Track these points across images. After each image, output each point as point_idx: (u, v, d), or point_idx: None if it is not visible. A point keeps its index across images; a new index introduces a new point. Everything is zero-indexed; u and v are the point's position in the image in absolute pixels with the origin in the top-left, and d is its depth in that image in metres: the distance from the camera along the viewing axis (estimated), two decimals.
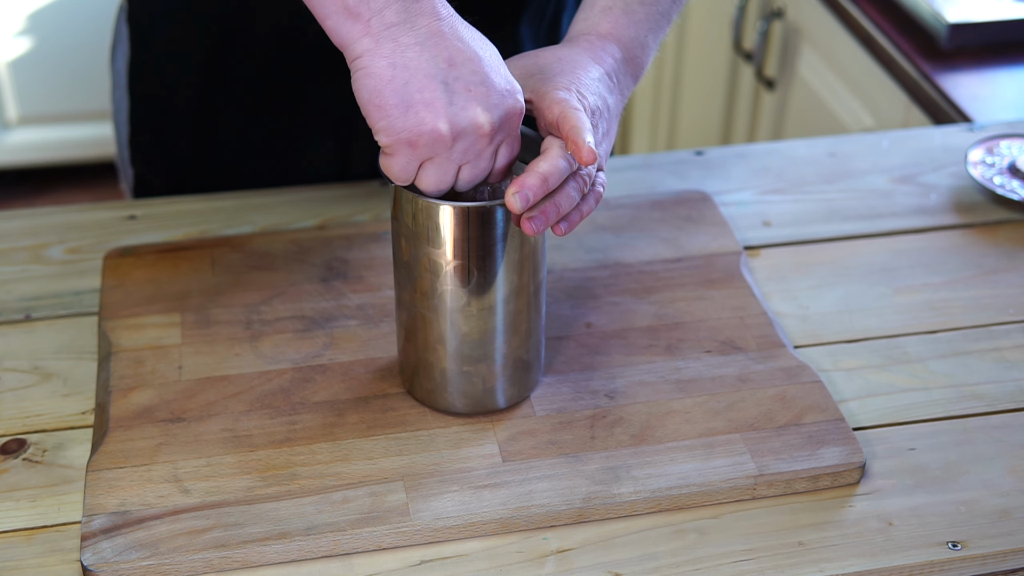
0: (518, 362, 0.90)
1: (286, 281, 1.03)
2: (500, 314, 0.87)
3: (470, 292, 0.85)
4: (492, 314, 0.86)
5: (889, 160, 1.23)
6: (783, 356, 0.96)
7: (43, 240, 1.10)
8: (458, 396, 0.90)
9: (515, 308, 0.87)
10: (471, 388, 0.89)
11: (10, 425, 0.92)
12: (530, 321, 0.89)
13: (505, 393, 0.90)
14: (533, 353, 0.91)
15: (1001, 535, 0.84)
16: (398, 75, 0.76)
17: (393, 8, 0.76)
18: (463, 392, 0.89)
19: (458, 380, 0.89)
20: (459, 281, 0.85)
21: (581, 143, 0.80)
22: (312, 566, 0.82)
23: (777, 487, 0.87)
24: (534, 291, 0.88)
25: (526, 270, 0.86)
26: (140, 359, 0.95)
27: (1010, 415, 0.94)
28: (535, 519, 0.84)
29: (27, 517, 0.85)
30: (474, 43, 0.78)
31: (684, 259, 1.06)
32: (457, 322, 0.87)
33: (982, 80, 1.52)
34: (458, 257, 0.84)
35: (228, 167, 1.19)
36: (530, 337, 0.90)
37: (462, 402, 0.90)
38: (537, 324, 0.90)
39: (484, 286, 0.85)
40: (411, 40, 0.76)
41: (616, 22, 0.92)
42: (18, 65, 2.62)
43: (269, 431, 0.89)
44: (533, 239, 0.86)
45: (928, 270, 1.08)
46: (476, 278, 0.85)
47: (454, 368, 0.89)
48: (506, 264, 0.85)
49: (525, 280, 0.87)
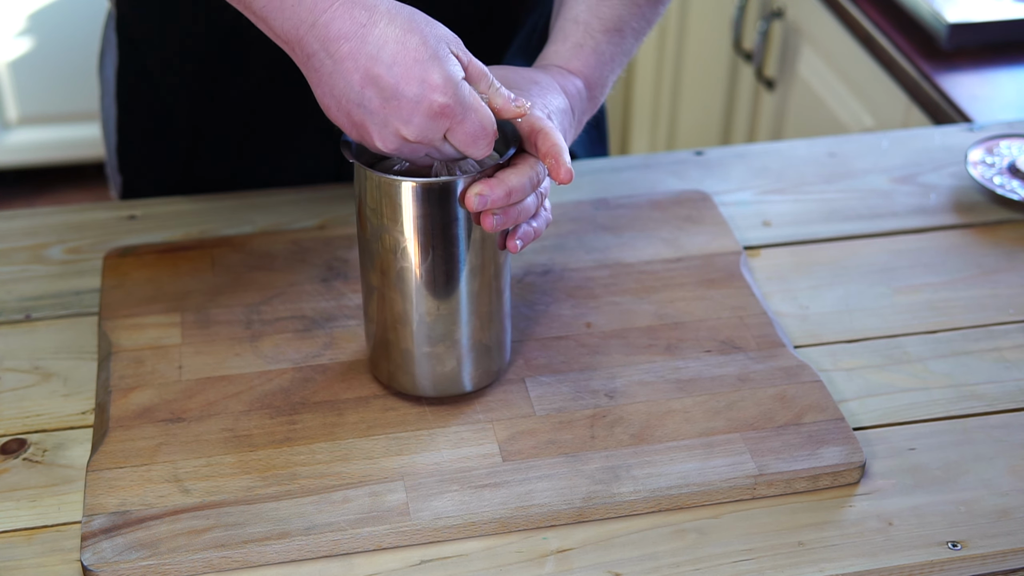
0: (479, 345, 0.90)
1: (286, 281, 1.03)
2: (460, 294, 0.87)
3: (428, 271, 0.85)
4: (451, 293, 0.87)
5: (889, 160, 1.23)
6: (783, 356, 0.96)
7: (43, 240, 1.10)
8: (422, 377, 0.90)
9: (475, 289, 0.87)
10: (434, 370, 0.90)
11: (10, 425, 0.92)
12: (491, 303, 0.89)
13: (471, 376, 0.91)
14: (495, 337, 0.91)
15: (1001, 535, 0.84)
16: (334, 103, 0.82)
17: (307, 39, 0.80)
18: (426, 374, 0.90)
19: (421, 361, 0.89)
20: (418, 259, 0.85)
21: (562, 162, 0.84)
22: (312, 566, 0.82)
23: (777, 487, 0.87)
24: (495, 272, 0.88)
25: (487, 250, 0.87)
26: (140, 359, 0.95)
27: (1010, 415, 0.94)
28: (535, 519, 0.84)
29: (27, 517, 0.85)
30: (383, 49, 0.79)
31: (684, 259, 1.06)
32: (417, 301, 0.87)
33: (982, 80, 1.52)
34: (416, 234, 0.84)
35: (216, 175, 1.19)
36: (491, 320, 0.90)
37: (426, 383, 0.90)
38: (499, 307, 0.90)
39: (442, 265, 0.85)
40: (329, 68, 0.80)
41: (586, 61, 0.95)
42: (18, 65, 2.62)
43: (269, 431, 0.89)
44: None
45: (928, 270, 1.08)
46: (434, 256, 0.85)
47: (415, 349, 0.89)
48: (465, 243, 0.85)
49: (486, 260, 0.87)
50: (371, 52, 0.79)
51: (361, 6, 0.80)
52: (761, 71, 2.01)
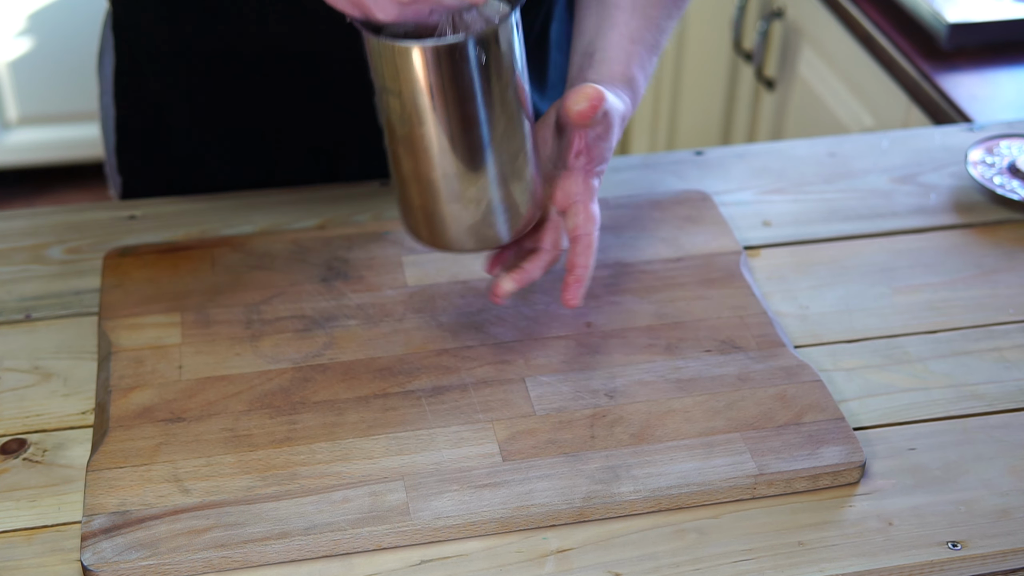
0: (508, 197, 0.89)
1: (286, 281, 1.03)
2: (484, 148, 0.86)
3: (449, 130, 0.85)
4: (474, 150, 0.86)
5: (889, 160, 1.23)
6: (783, 355, 0.96)
7: (43, 240, 1.10)
8: (460, 233, 0.90)
9: (497, 139, 0.87)
10: (469, 225, 0.89)
11: (10, 425, 0.92)
12: (515, 151, 0.88)
13: (506, 226, 0.90)
14: (522, 186, 0.90)
15: (1001, 535, 0.84)
16: None
17: None
18: (463, 229, 0.89)
19: (458, 217, 0.89)
20: (437, 119, 0.85)
21: (580, 291, 0.93)
22: (312, 566, 0.82)
23: (777, 486, 0.87)
24: (513, 124, 0.87)
25: (505, 103, 0.86)
26: (140, 359, 0.95)
27: (1010, 415, 0.94)
28: (535, 518, 0.84)
29: (27, 517, 0.85)
30: None
31: (684, 259, 1.06)
32: (442, 161, 0.86)
33: (982, 80, 1.52)
34: (432, 95, 0.83)
35: (215, 175, 1.19)
36: (517, 169, 0.89)
37: (463, 239, 0.90)
38: (523, 157, 0.89)
39: (461, 123, 0.85)
40: None
41: (635, 72, 0.97)
42: (18, 65, 2.62)
43: (269, 431, 0.89)
44: (508, 71, 0.85)
45: (928, 270, 1.08)
46: (451, 115, 0.84)
47: (446, 207, 0.88)
48: (483, 98, 0.85)
49: (504, 112, 0.86)
50: None
51: None
52: (761, 71, 2.01)
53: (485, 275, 1.03)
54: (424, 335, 0.98)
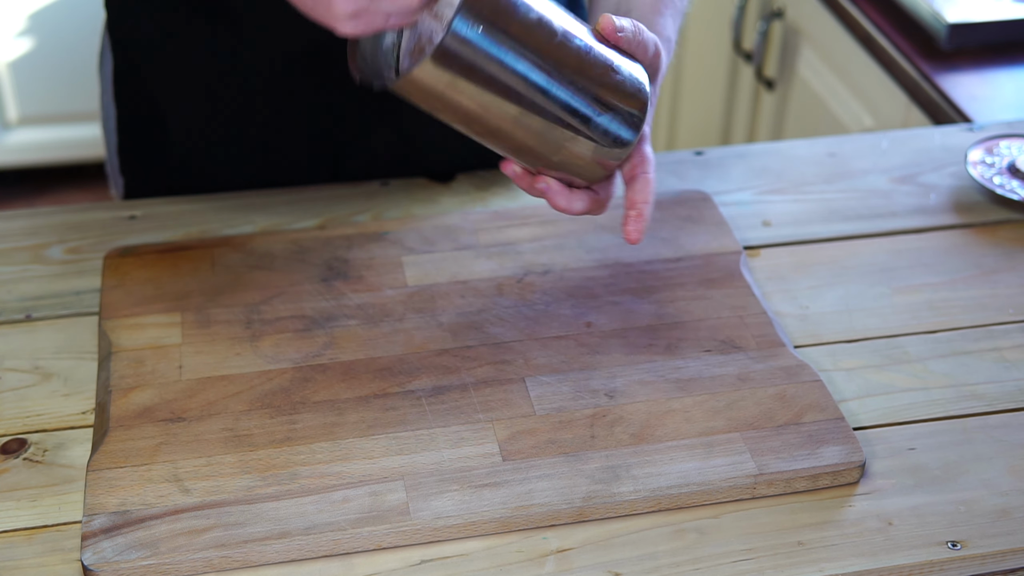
0: (608, 106, 0.87)
1: (286, 281, 1.03)
2: (554, 88, 0.84)
3: (512, 97, 0.83)
4: (547, 95, 0.84)
5: (889, 160, 1.23)
6: (783, 355, 0.96)
7: (43, 240, 1.10)
8: (597, 159, 0.89)
9: (561, 69, 0.84)
10: (593, 148, 0.88)
11: (11, 425, 0.92)
12: (584, 63, 0.85)
13: (625, 125, 0.88)
14: (618, 85, 0.87)
15: (1000, 535, 0.85)
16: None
17: None
18: (589, 164, 0.88)
19: (580, 154, 0.87)
20: (495, 98, 0.82)
21: (642, 225, 0.91)
22: (312, 566, 0.82)
23: (777, 486, 0.87)
24: (561, 40, 0.83)
25: (539, 35, 0.82)
26: (140, 359, 0.95)
27: (1010, 415, 0.94)
28: (535, 518, 0.84)
29: (28, 517, 0.85)
30: None
31: (684, 259, 1.06)
32: (529, 123, 0.85)
33: (982, 80, 1.52)
34: (471, 87, 0.81)
35: (216, 175, 1.19)
36: (604, 76, 0.86)
37: (596, 170, 0.89)
38: (595, 63, 0.85)
39: (517, 84, 0.82)
40: None
41: (667, 30, 0.97)
42: (18, 65, 2.62)
43: (269, 430, 0.89)
44: (512, 13, 0.81)
45: (928, 270, 1.08)
46: (502, 84, 0.82)
47: (564, 156, 0.87)
48: (515, 52, 0.81)
49: (549, 43, 0.83)
50: None
51: None
52: (761, 71, 2.01)
53: (485, 275, 1.03)
54: (424, 335, 0.98)
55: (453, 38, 0.79)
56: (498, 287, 1.03)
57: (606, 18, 0.86)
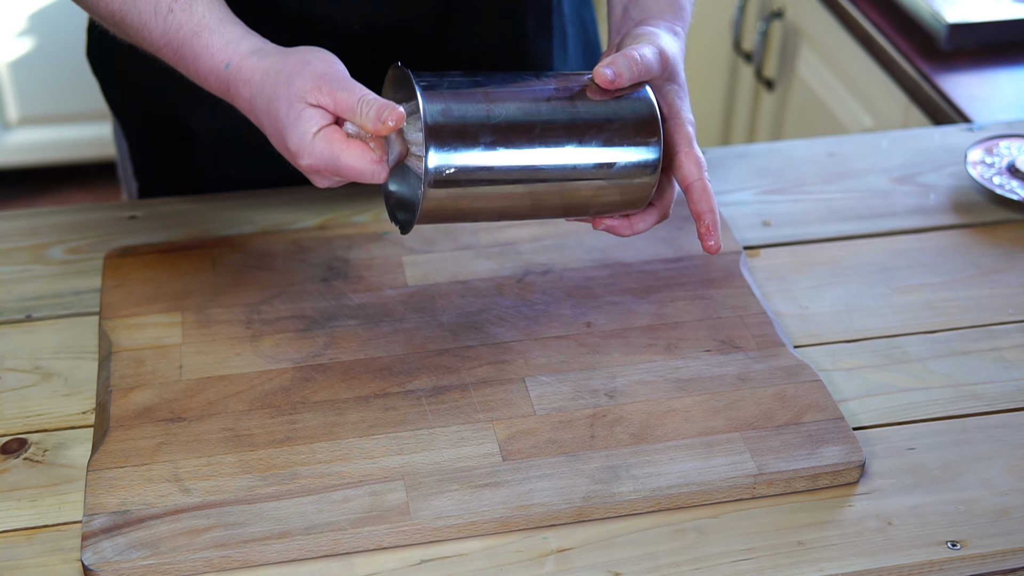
0: (608, 167, 0.88)
1: (286, 281, 1.03)
2: (550, 168, 0.86)
3: (513, 186, 0.86)
4: (544, 173, 0.86)
5: (888, 160, 1.23)
6: (783, 355, 0.96)
7: (43, 240, 1.10)
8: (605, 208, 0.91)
9: (545, 142, 0.86)
10: (618, 187, 0.89)
11: (11, 425, 0.92)
12: (570, 132, 0.87)
13: (637, 182, 0.90)
14: (611, 136, 0.88)
15: (1000, 534, 0.85)
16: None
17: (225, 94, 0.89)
18: (617, 193, 0.90)
19: (601, 198, 0.90)
20: (500, 199, 0.86)
21: (715, 233, 0.91)
22: (312, 565, 0.82)
23: (777, 486, 0.87)
24: (539, 123, 0.86)
25: (517, 131, 0.85)
26: (140, 359, 0.95)
27: (1009, 415, 0.94)
28: (535, 518, 0.84)
29: (28, 517, 0.85)
30: (262, 122, 0.88)
31: (684, 259, 1.06)
32: (539, 197, 0.88)
33: (981, 80, 1.52)
34: (472, 201, 0.86)
35: (219, 177, 1.19)
36: (595, 135, 0.88)
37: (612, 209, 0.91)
38: (582, 130, 0.87)
39: (512, 179, 0.86)
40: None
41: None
42: (18, 65, 2.62)
43: (269, 430, 0.89)
44: (478, 134, 0.84)
45: (927, 270, 1.08)
46: (501, 188, 0.86)
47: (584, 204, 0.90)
48: (503, 153, 0.85)
49: (525, 131, 0.86)
50: (260, 125, 0.88)
51: (244, 82, 0.87)
52: (761, 71, 2.01)
53: (485, 275, 1.03)
54: (424, 335, 0.98)
55: (432, 188, 0.83)
56: (498, 287, 1.03)
57: (598, 74, 0.87)
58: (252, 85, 0.86)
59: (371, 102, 0.82)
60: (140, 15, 0.89)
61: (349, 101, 0.83)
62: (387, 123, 0.81)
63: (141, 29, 0.90)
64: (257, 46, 0.88)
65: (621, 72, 0.87)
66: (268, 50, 0.88)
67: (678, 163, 0.91)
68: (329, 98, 0.83)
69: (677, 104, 0.92)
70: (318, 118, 0.83)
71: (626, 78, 0.87)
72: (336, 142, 0.83)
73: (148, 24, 0.89)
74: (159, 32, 0.89)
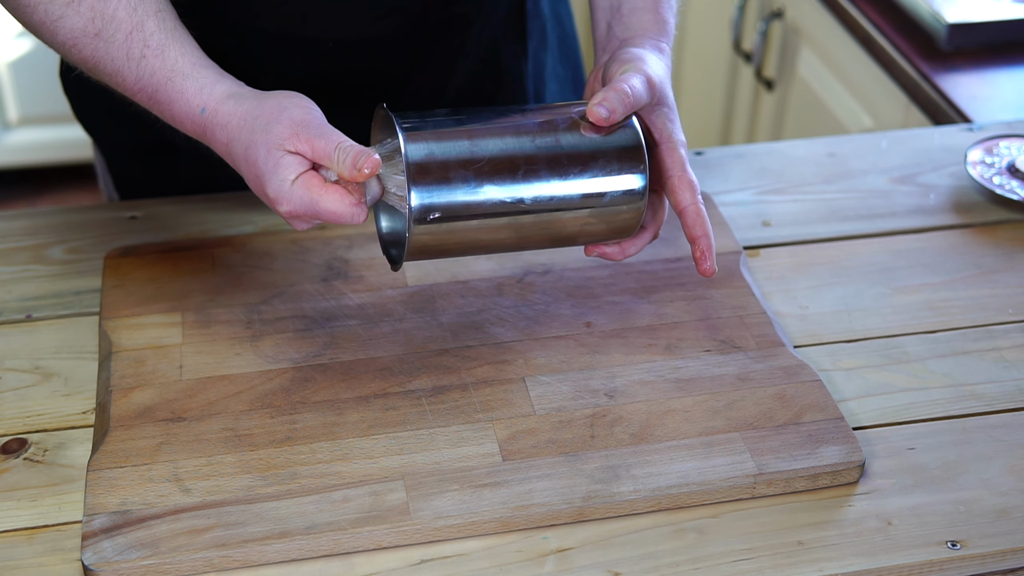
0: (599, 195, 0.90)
1: (286, 281, 1.03)
2: (538, 200, 0.88)
3: (503, 222, 0.88)
4: (531, 206, 0.88)
5: (888, 160, 1.23)
6: (783, 355, 0.96)
7: (44, 240, 1.10)
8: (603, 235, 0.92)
9: (532, 177, 0.87)
10: (604, 222, 0.91)
11: (11, 425, 0.92)
12: (555, 164, 0.88)
13: (627, 208, 0.91)
14: (598, 169, 0.90)
15: (1000, 534, 0.85)
16: None
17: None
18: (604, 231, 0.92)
19: (593, 225, 0.91)
20: (493, 234, 0.88)
21: (710, 257, 0.92)
22: (312, 565, 0.82)
23: (776, 486, 0.87)
24: (523, 160, 0.87)
25: (501, 167, 0.87)
26: (141, 359, 0.95)
27: (1009, 415, 0.94)
28: (535, 518, 0.84)
29: (28, 517, 0.85)
30: (241, 168, 0.88)
31: (684, 259, 1.06)
32: (532, 228, 0.89)
33: (981, 80, 1.52)
34: (465, 235, 0.87)
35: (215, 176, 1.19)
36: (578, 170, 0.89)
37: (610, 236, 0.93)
38: (568, 165, 0.88)
39: (498, 215, 0.88)
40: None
41: (665, 15, 0.99)
42: (18, 65, 2.62)
43: (270, 430, 0.89)
44: (462, 173, 0.86)
45: (927, 270, 1.08)
46: (489, 224, 0.88)
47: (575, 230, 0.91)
48: (488, 192, 0.86)
49: (508, 167, 0.87)
50: (238, 170, 0.88)
51: (220, 127, 0.88)
52: (760, 71, 2.01)
53: (485, 275, 1.03)
54: (424, 335, 0.98)
55: (417, 228, 0.85)
56: (498, 287, 1.03)
57: (592, 113, 0.88)
58: (229, 130, 0.87)
59: (347, 149, 0.84)
60: (113, 61, 0.90)
61: (327, 148, 0.84)
62: (363, 170, 0.83)
63: (115, 75, 0.91)
64: (232, 90, 0.89)
65: (615, 108, 0.88)
66: (244, 94, 0.88)
67: (671, 187, 0.92)
68: (307, 145, 0.84)
69: (668, 128, 0.93)
70: (296, 165, 0.85)
71: (619, 113, 0.88)
72: (314, 188, 0.85)
73: (121, 70, 0.90)
74: (132, 78, 0.90)
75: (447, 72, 1.13)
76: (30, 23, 0.92)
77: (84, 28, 0.89)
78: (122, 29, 0.89)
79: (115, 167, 1.23)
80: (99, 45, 0.89)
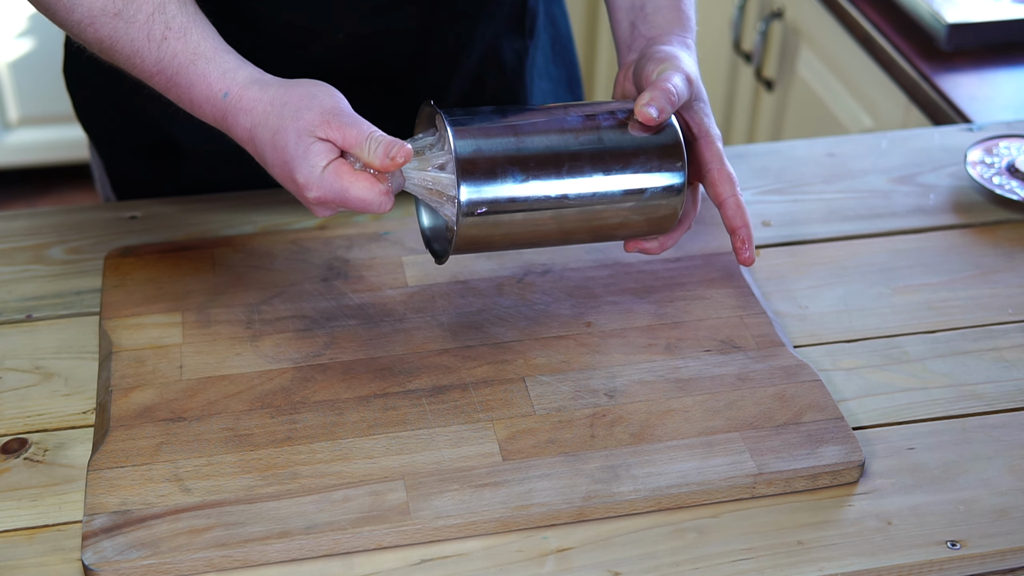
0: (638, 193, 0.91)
1: (286, 281, 1.03)
2: (582, 195, 0.90)
3: (547, 213, 0.89)
4: (574, 200, 0.89)
5: (888, 160, 1.23)
6: (782, 355, 0.97)
7: (44, 240, 1.10)
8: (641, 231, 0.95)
9: (575, 170, 0.89)
10: (640, 217, 0.93)
11: (11, 425, 0.92)
12: (596, 160, 0.90)
13: (667, 203, 0.92)
14: (636, 170, 0.91)
15: (1000, 534, 0.85)
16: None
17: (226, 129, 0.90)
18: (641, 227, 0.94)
19: (631, 222, 0.93)
20: (534, 225, 0.89)
21: (750, 246, 0.96)
22: (313, 565, 0.82)
23: (776, 486, 0.87)
24: (565, 154, 0.89)
25: (545, 161, 0.88)
26: (141, 358, 0.95)
27: (1009, 415, 0.94)
28: (535, 518, 0.84)
29: (28, 516, 0.85)
30: (264, 155, 0.88)
31: (684, 259, 1.07)
32: (578, 220, 0.91)
33: (981, 80, 1.52)
34: (509, 228, 0.89)
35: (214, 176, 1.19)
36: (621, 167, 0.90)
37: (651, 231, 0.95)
38: (608, 160, 0.90)
39: (543, 208, 0.89)
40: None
41: (687, 10, 1.02)
42: (18, 65, 2.62)
43: (270, 430, 0.89)
44: (507, 166, 0.87)
45: (927, 270, 1.08)
46: (533, 214, 0.89)
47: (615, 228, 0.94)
48: (530, 182, 0.88)
49: (553, 160, 0.89)
50: (260, 156, 0.88)
51: (244, 112, 0.87)
52: (760, 71, 2.01)
53: (485, 275, 1.04)
54: (424, 335, 0.98)
55: (465, 222, 0.87)
56: (498, 287, 1.03)
57: (642, 113, 0.89)
58: (254, 115, 0.87)
59: (379, 139, 0.84)
60: (132, 42, 0.89)
61: (358, 137, 0.85)
62: (396, 159, 0.84)
63: (132, 56, 0.90)
64: (255, 76, 0.89)
65: (664, 108, 0.89)
66: (268, 81, 0.88)
67: (711, 180, 0.94)
68: (338, 133, 0.85)
69: (706, 123, 0.95)
70: (326, 152, 0.85)
71: (667, 112, 0.90)
72: (345, 175, 0.85)
73: (140, 51, 0.89)
74: (152, 60, 0.89)
75: (451, 65, 1.14)
76: (44, 0, 0.91)
77: (104, 7, 0.88)
78: (144, 10, 0.88)
79: (113, 169, 1.23)
80: (118, 25, 0.89)
